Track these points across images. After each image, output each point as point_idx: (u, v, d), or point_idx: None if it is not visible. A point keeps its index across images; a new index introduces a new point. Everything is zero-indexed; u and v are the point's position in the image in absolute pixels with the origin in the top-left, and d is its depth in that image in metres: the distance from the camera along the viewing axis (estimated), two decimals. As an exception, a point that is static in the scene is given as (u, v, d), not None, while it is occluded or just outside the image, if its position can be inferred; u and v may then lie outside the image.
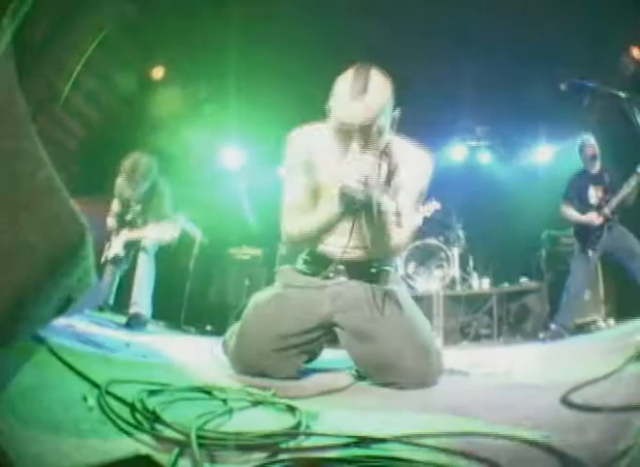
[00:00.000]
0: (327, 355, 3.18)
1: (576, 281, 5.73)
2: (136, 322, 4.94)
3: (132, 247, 5.42)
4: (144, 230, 5.31)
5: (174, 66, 6.99)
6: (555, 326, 5.71)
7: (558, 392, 1.95)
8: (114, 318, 5.07)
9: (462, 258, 7.83)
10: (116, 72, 6.63)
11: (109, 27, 6.05)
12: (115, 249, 5.39)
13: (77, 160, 6.71)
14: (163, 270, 5.54)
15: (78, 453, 1.16)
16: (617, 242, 5.55)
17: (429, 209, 6.80)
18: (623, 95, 3.59)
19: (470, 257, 7.98)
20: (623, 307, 6.28)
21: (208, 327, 6.09)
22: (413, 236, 2.87)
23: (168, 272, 5.64)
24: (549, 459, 1.26)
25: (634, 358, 2.48)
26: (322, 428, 1.59)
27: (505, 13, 6.28)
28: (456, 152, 8.93)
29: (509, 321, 7.24)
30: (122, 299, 5.44)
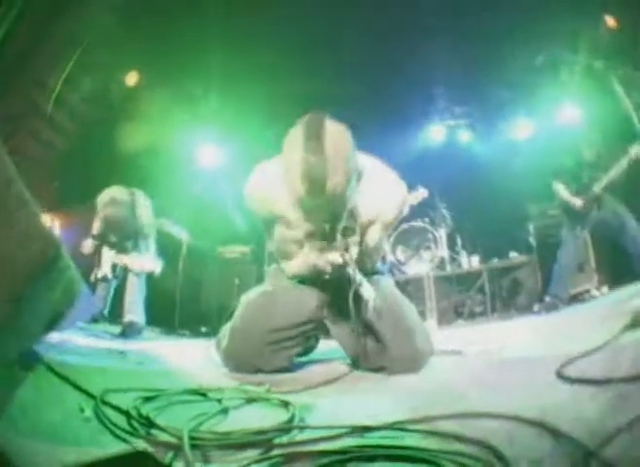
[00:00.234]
0: (322, 346, 3.21)
1: (567, 252, 5.74)
2: (131, 331, 4.94)
3: (120, 268, 5.40)
4: (129, 257, 5.29)
5: (151, 70, 6.97)
6: (549, 298, 5.73)
7: (554, 366, 1.92)
8: (109, 329, 5.07)
9: (449, 237, 7.83)
10: (93, 82, 6.59)
11: (87, 41, 6.04)
12: (104, 270, 5.37)
13: (58, 171, 6.69)
14: (154, 276, 5.54)
15: (78, 462, 1.18)
16: (607, 214, 5.55)
17: (417, 197, 6.80)
18: (600, 65, 3.58)
19: (457, 236, 7.98)
20: (616, 275, 6.30)
21: (203, 329, 6.09)
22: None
23: (159, 277, 5.63)
24: (543, 438, 1.25)
25: (630, 326, 2.50)
26: (316, 420, 1.61)
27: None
28: (435, 132, 8.91)
29: (502, 297, 7.25)
30: (115, 309, 5.43)
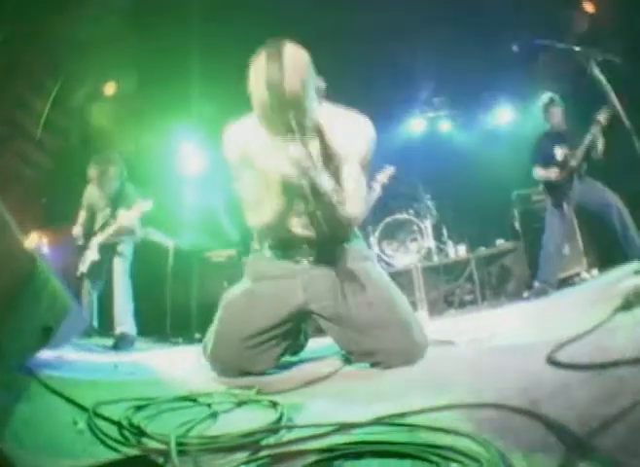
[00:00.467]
0: (315, 342, 3.22)
1: (553, 236, 5.76)
2: (123, 342, 4.92)
3: (107, 252, 5.39)
4: (117, 219, 5.29)
5: (132, 78, 6.94)
6: (539, 283, 5.74)
7: (544, 352, 1.92)
8: (101, 341, 5.06)
9: (435, 228, 7.84)
10: (74, 96, 6.58)
11: (70, 59, 6.03)
12: (90, 256, 5.36)
13: (46, 189, 6.68)
14: (142, 285, 5.52)
15: None
16: (589, 194, 5.57)
17: (384, 176, 6.77)
18: (578, 49, 3.58)
19: (443, 226, 8.00)
20: (605, 256, 6.34)
21: (196, 335, 6.07)
22: (371, 203, 2.78)
23: (148, 286, 5.62)
24: (534, 427, 1.24)
25: (622, 308, 2.50)
26: (305, 419, 1.62)
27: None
28: (415, 124, 8.96)
29: (491, 284, 7.29)
30: (106, 321, 5.41)
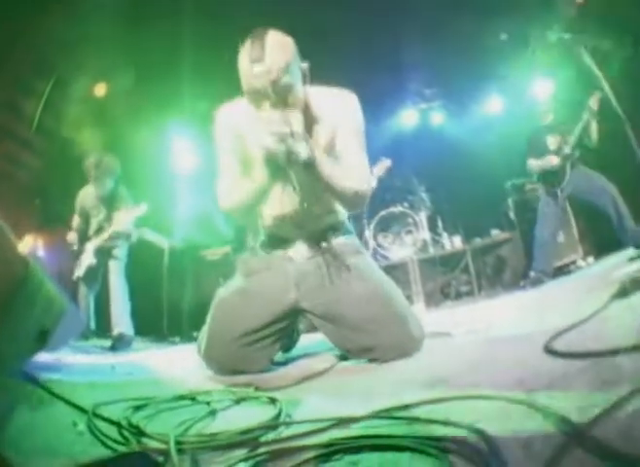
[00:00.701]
0: (309, 339, 3.21)
1: (546, 225, 5.79)
2: (121, 343, 4.94)
3: (103, 255, 5.41)
4: (113, 224, 5.35)
5: (121, 78, 6.91)
6: (535, 272, 5.75)
7: (542, 341, 1.92)
8: (99, 343, 5.07)
9: (430, 220, 7.85)
10: (65, 97, 6.56)
11: (59, 60, 6.01)
12: (86, 260, 5.38)
13: (39, 190, 6.67)
14: (138, 285, 5.53)
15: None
16: (584, 182, 5.60)
17: (381, 169, 6.77)
18: (567, 36, 3.57)
19: (437, 218, 8.03)
20: (601, 244, 6.35)
21: (194, 334, 6.07)
22: (372, 185, 2.74)
23: (144, 286, 5.62)
24: (532, 418, 1.23)
25: (618, 294, 2.50)
26: (303, 415, 1.61)
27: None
28: (408, 116, 8.99)
29: (487, 275, 7.31)
30: (103, 322, 5.42)
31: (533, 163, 5.89)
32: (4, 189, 5.74)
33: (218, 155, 2.76)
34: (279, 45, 2.34)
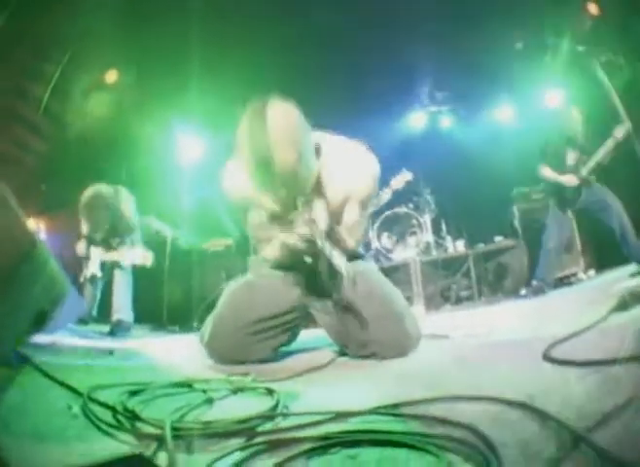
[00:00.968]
0: (309, 334, 3.21)
1: (553, 236, 5.76)
2: (119, 329, 4.95)
3: (108, 265, 5.41)
4: (119, 252, 5.33)
5: (131, 67, 6.92)
6: (536, 282, 5.75)
7: (541, 348, 1.92)
8: (98, 328, 5.06)
9: (434, 223, 7.84)
10: (73, 84, 6.55)
11: (68, 46, 6.00)
12: (92, 270, 5.38)
13: (43, 175, 6.67)
14: (140, 273, 5.53)
15: (63, 458, 1.21)
16: (590, 196, 5.57)
17: (400, 182, 6.77)
18: (581, 49, 3.57)
19: (442, 221, 8.01)
20: (603, 258, 6.36)
21: (194, 323, 6.07)
22: (378, 206, 2.82)
23: (145, 274, 5.61)
24: (531, 420, 1.24)
25: (617, 308, 2.52)
26: (301, 408, 1.61)
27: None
28: (417, 118, 8.95)
29: (488, 281, 7.29)
30: (103, 308, 5.42)
31: (549, 174, 5.83)
32: (11, 172, 5.74)
33: (241, 215, 2.87)
34: (286, 136, 2.18)
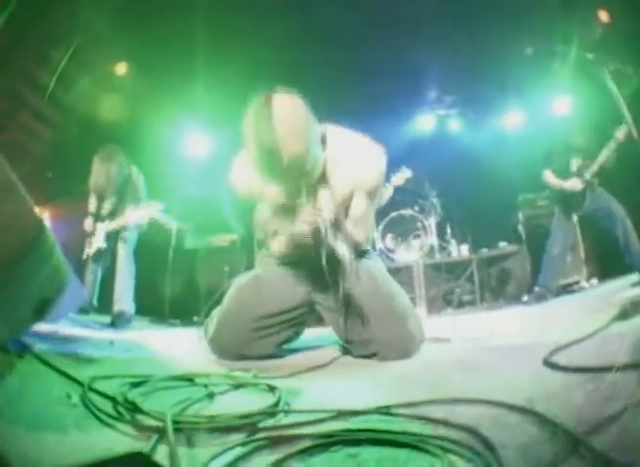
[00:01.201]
0: (311, 333, 3.21)
1: (557, 243, 5.74)
2: (121, 320, 4.94)
3: (113, 239, 5.41)
4: (124, 216, 5.33)
5: (137, 60, 6.91)
6: (539, 288, 5.72)
7: (542, 354, 1.93)
8: (99, 319, 5.06)
9: (439, 226, 7.80)
10: (80, 74, 6.55)
11: (75, 34, 6.01)
12: (96, 243, 5.39)
13: (49, 164, 6.68)
14: (144, 265, 5.53)
15: (59, 447, 1.21)
16: (595, 203, 5.55)
17: (400, 179, 6.74)
18: (591, 57, 3.56)
19: (447, 224, 7.97)
20: (606, 267, 6.33)
21: (195, 318, 6.07)
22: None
23: (148, 267, 5.62)
24: (531, 424, 1.25)
25: (619, 317, 2.52)
26: (302, 405, 1.61)
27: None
28: (425, 121, 8.88)
29: (491, 286, 7.28)
30: (105, 299, 5.42)
31: (552, 180, 5.83)
32: (17, 159, 5.75)
33: (248, 209, 2.97)
34: (292, 129, 2.20)
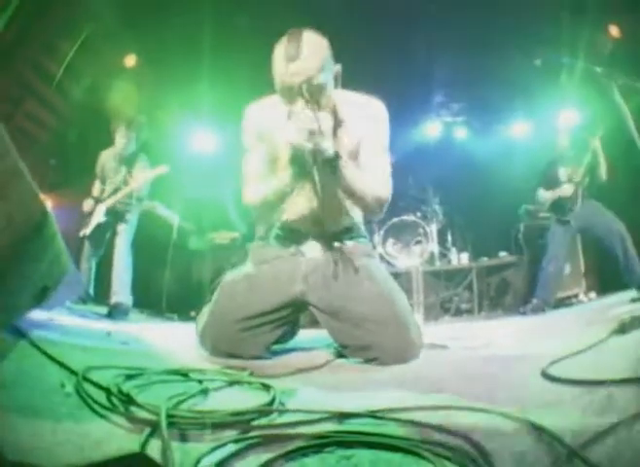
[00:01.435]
0: (307, 334, 3.20)
1: (556, 255, 5.77)
2: (118, 311, 4.95)
3: (113, 217, 5.43)
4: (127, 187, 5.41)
5: (146, 53, 6.91)
6: (537, 300, 5.74)
7: (539, 365, 1.93)
8: (95, 309, 5.07)
9: (440, 233, 7.82)
10: (88, 64, 6.56)
11: (83, 25, 6.02)
12: (96, 218, 5.41)
13: (53, 153, 6.69)
14: (143, 258, 5.53)
15: (53, 436, 1.20)
16: (595, 218, 5.59)
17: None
18: (599, 70, 3.56)
19: (448, 232, 8.00)
20: (605, 281, 6.35)
21: (192, 313, 6.07)
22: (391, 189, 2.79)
23: (148, 260, 5.63)
24: (526, 434, 1.24)
25: (617, 331, 2.52)
26: (296, 405, 1.61)
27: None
28: (432, 128, 8.90)
29: (489, 295, 7.29)
30: (102, 289, 5.43)
31: (545, 196, 5.89)
32: (23, 146, 5.75)
33: (245, 150, 2.83)
34: (315, 45, 2.43)
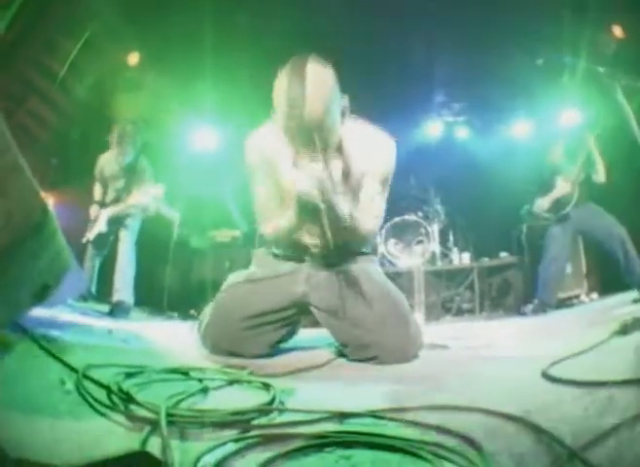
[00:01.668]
0: (307, 334, 3.20)
1: (555, 256, 5.76)
2: (119, 310, 4.95)
3: (115, 225, 5.42)
4: (128, 199, 5.36)
5: (148, 51, 6.91)
6: (538, 300, 5.75)
7: (539, 365, 1.93)
8: (97, 307, 5.07)
9: (442, 233, 7.80)
10: (91, 63, 6.56)
11: (86, 23, 6.02)
12: (98, 226, 5.39)
13: (55, 152, 6.69)
14: (144, 256, 5.53)
15: (52, 433, 1.20)
16: (595, 220, 5.59)
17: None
18: (602, 70, 3.55)
19: (450, 232, 7.98)
20: (606, 282, 6.33)
21: (192, 311, 6.08)
22: (382, 222, 2.86)
23: (149, 258, 5.62)
24: (526, 435, 1.25)
25: (618, 332, 2.52)
26: (296, 404, 1.61)
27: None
28: (433, 127, 8.86)
29: (490, 296, 7.27)
30: (104, 287, 5.43)
31: (543, 203, 5.90)
32: (24, 144, 5.75)
33: (250, 180, 2.86)
34: (321, 83, 2.30)
